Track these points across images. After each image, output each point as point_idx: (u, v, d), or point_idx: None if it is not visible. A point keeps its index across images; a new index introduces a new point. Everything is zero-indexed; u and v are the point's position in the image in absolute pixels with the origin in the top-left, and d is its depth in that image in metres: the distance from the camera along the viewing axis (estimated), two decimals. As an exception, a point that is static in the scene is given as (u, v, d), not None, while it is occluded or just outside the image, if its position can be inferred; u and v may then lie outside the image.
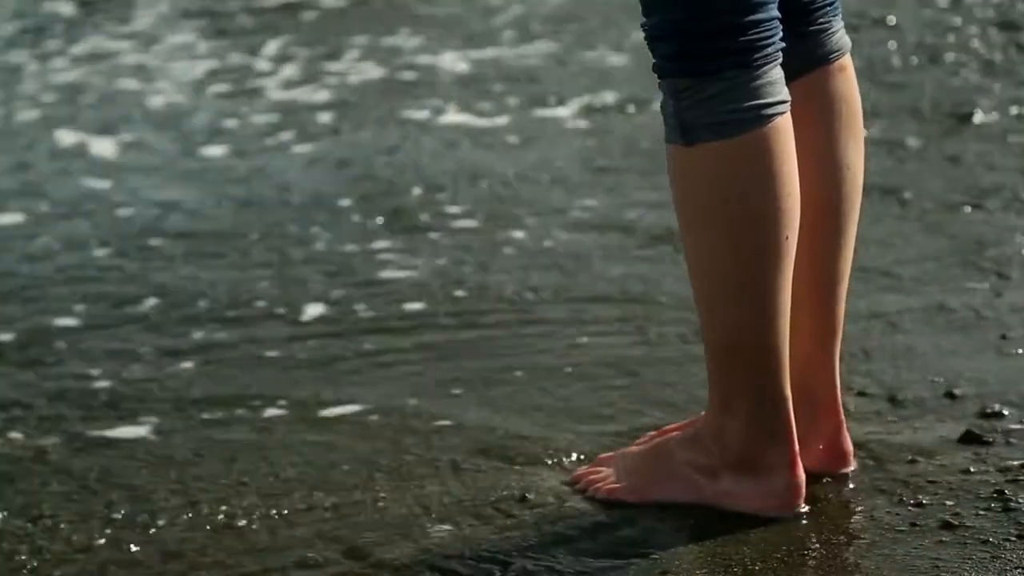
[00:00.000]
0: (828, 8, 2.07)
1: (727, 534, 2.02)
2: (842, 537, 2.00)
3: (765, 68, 1.93)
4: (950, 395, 2.41)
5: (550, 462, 2.30)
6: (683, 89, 1.93)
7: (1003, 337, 2.64)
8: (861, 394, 2.44)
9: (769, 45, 1.93)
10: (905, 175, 3.62)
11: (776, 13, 1.94)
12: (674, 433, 2.18)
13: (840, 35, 2.08)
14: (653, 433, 2.28)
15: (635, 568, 1.97)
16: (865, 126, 2.12)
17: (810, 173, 2.03)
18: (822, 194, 2.06)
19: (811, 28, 2.06)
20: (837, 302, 2.11)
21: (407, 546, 2.07)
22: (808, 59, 2.05)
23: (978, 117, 3.98)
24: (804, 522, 2.03)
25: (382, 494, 2.24)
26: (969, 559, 1.92)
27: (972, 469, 2.15)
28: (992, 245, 3.09)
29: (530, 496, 2.18)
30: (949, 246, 3.12)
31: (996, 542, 1.96)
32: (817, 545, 1.98)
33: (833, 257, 2.09)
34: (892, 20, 4.99)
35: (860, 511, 2.05)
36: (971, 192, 3.45)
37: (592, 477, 2.19)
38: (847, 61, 2.08)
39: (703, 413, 2.11)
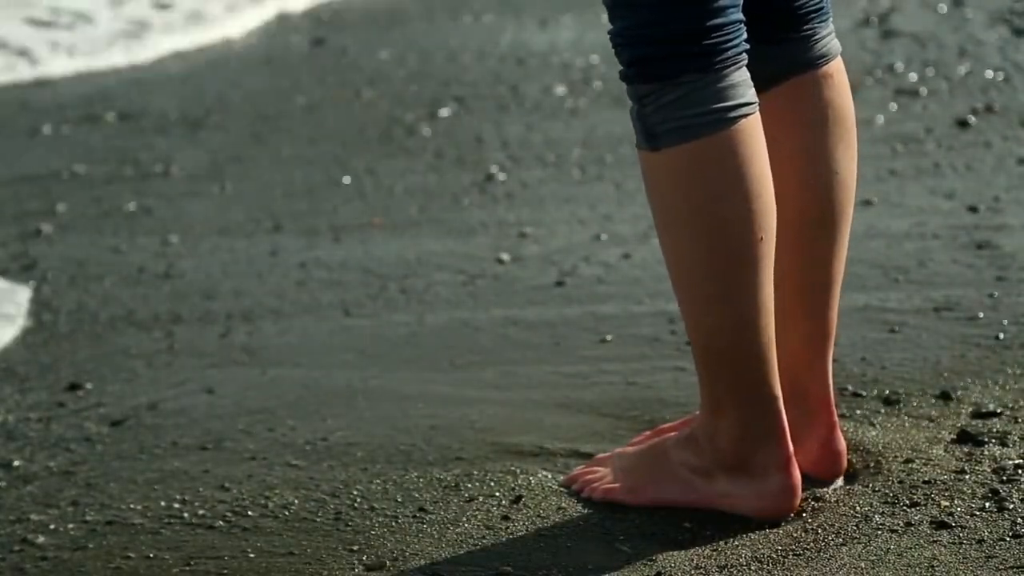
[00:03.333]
0: (815, 15, 2.07)
1: (722, 535, 2.01)
2: (836, 537, 1.99)
3: (727, 71, 1.92)
4: (945, 395, 2.41)
5: (545, 461, 2.30)
6: (645, 95, 1.93)
7: (997, 338, 2.63)
8: (856, 395, 2.43)
9: (731, 48, 1.92)
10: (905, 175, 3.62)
11: (739, 16, 1.93)
12: (670, 433, 2.18)
13: (827, 40, 2.08)
14: (649, 433, 2.28)
15: (630, 570, 1.96)
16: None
17: (796, 178, 2.03)
18: (805, 198, 2.05)
19: (796, 35, 2.05)
20: (829, 306, 2.10)
21: (400, 548, 2.07)
22: (792, 64, 2.05)
23: (976, 120, 3.98)
24: (798, 522, 2.02)
25: (376, 493, 2.24)
26: (964, 558, 1.92)
27: (966, 469, 2.14)
28: (989, 246, 3.09)
29: (524, 497, 2.18)
30: (947, 246, 3.12)
31: (991, 541, 1.95)
32: (812, 545, 1.97)
33: (824, 262, 2.08)
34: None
35: (855, 511, 2.05)
36: (969, 192, 3.45)
37: (588, 477, 2.18)
38: (835, 67, 2.07)
39: (698, 412, 2.11)
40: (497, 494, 2.20)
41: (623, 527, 2.07)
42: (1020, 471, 2.12)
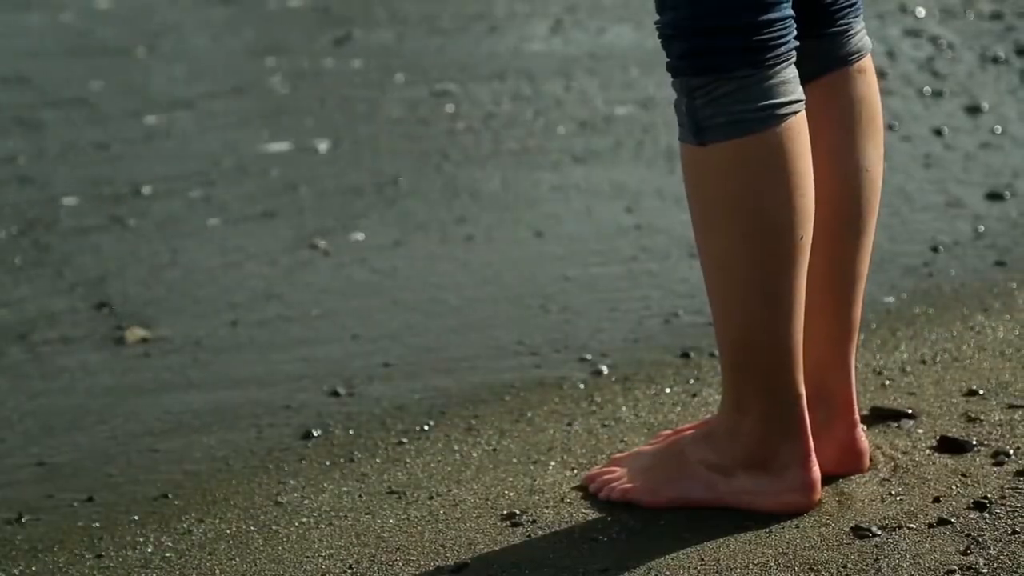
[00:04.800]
0: (849, 10, 2.07)
1: (721, 537, 1.99)
2: (833, 540, 1.97)
3: (778, 67, 1.92)
4: (945, 395, 2.40)
5: (554, 462, 2.29)
6: (696, 88, 1.92)
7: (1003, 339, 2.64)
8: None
9: (782, 44, 1.92)
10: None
11: (790, 12, 1.93)
12: (688, 432, 2.17)
13: (860, 36, 2.08)
14: (667, 432, 2.27)
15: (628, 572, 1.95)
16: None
17: (828, 175, 2.03)
18: (840, 196, 2.05)
19: (831, 29, 2.05)
20: (854, 304, 2.10)
21: (413, 546, 2.06)
22: (827, 60, 2.05)
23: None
24: (796, 526, 2.01)
25: (395, 494, 2.23)
26: (962, 558, 1.91)
27: (969, 469, 2.14)
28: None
29: (533, 497, 2.17)
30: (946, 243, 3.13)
31: (989, 542, 1.94)
32: (808, 548, 1.96)
33: (850, 259, 2.08)
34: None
35: (851, 513, 2.03)
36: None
37: (606, 477, 2.17)
38: (867, 63, 2.08)
39: (716, 413, 2.10)
40: (507, 493, 2.19)
41: (626, 528, 2.05)
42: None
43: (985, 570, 1.87)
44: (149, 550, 2.12)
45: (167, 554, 2.10)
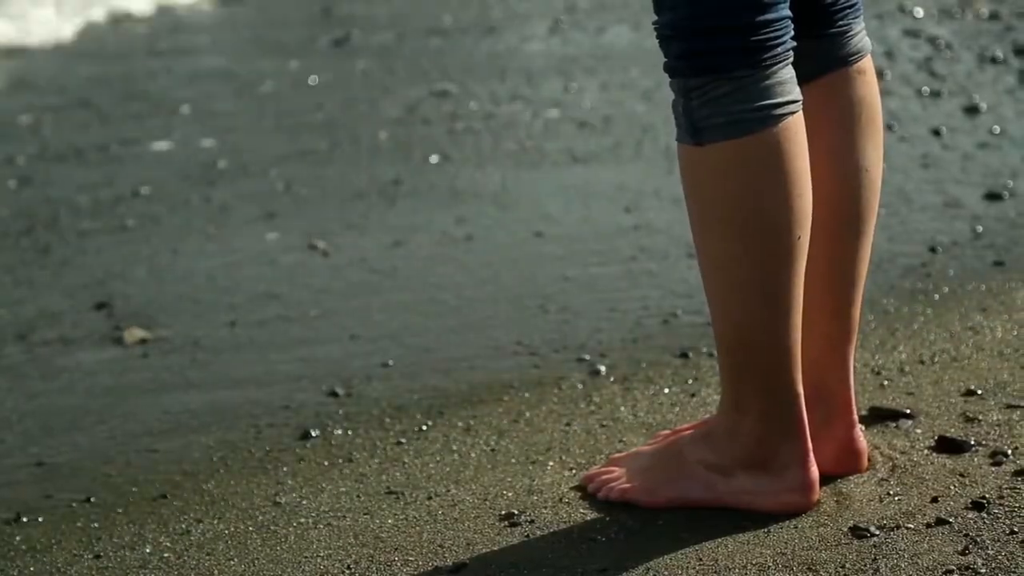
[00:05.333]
0: (849, 11, 2.07)
1: (719, 537, 1.99)
2: (831, 540, 1.97)
3: (775, 68, 1.92)
4: (943, 395, 2.40)
5: (553, 462, 2.29)
6: (693, 88, 1.93)
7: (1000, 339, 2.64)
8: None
9: (779, 45, 1.92)
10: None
11: (787, 13, 1.93)
12: (686, 432, 2.18)
13: (860, 37, 2.08)
14: (666, 432, 2.27)
15: (627, 573, 1.95)
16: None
17: (827, 175, 2.03)
18: (839, 196, 2.05)
19: (831, 30, 2.05)
20: (853, 304, 2.10)
21: (411, 547, 2.06)
22: (827, 61, 2.05)
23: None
24: (794, 526, 2.01)
25: (393, 494, 2.23)
26: (960, 558, 1.90)
27: (968, 469, 2.14)
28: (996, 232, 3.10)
29: (532, 497, 2.17)
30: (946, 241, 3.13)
31: (987, 542, 1.94)
32: (806, 548, 1.96)
33: (850, 259, 2.08)
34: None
35: (849, 513, 2.03)
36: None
37: (605, 477, 2.17)
38: (867, 63, 2.08)
39: (715, 413, 2.10)
40: (506, 493, 2.19)
41: (624, 529, 2.05)
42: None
43: (983, 570, 1.87)
44: (147, 550, 2.12)
45: (165, 554, 2.11)
